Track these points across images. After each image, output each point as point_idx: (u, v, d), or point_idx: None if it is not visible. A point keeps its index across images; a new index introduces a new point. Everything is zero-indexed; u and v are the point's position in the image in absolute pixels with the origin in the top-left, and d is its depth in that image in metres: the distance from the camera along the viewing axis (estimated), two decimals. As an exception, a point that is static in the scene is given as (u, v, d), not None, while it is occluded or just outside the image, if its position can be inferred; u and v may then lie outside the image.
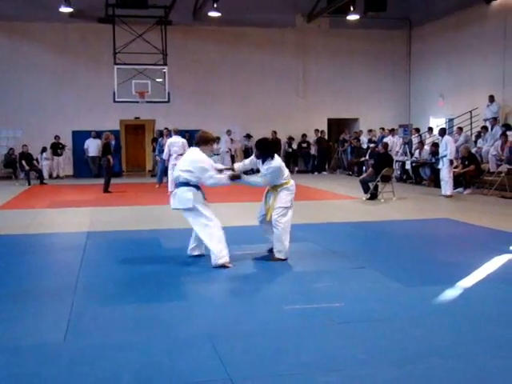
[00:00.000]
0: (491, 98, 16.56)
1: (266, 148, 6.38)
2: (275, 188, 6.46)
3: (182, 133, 18.20)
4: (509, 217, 10.00)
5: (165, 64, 17.81)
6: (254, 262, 6.46)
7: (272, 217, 6.32)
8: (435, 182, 15.01)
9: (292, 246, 7.36)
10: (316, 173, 20.93)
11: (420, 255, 6.83)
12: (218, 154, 20.28)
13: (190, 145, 19.37)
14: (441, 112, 19.90)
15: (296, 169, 21.36)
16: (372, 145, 18.06)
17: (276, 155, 6.47)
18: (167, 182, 14.35)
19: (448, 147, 12.75)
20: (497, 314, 4.52)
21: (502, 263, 6.35)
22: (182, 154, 13.65)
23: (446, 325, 4.29)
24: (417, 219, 9.71)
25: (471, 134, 17.31)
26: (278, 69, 21.04)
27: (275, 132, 20.56)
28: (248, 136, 20.86)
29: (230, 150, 20.72)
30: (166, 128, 15.82)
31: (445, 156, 12.86)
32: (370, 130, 20.60)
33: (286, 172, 6.56)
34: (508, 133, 14.87)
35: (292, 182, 6.59)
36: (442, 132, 13.25)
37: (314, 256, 6.93)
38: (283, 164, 6.52)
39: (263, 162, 6.40)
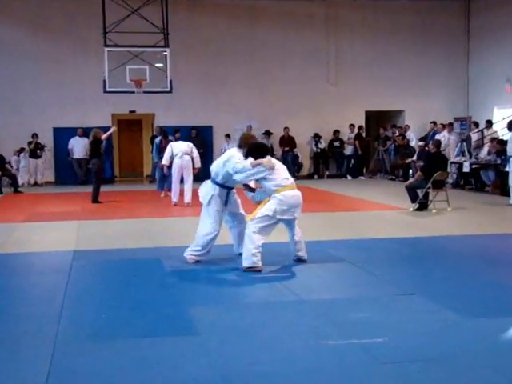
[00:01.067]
0: None
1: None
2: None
3: (178, 129, 18.42)
4: None
5: (166, 46, 17.94)
6: (277, 285, 6.48)
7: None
8: (501, 188, 14.89)
9: (324, 267, 7.38)
10: (350, 177, 20.92)
11: (482, 279, 6.77)
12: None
13: (197, 143, 19.49)
14: (509, 101, 19.77)
15: (327, 173, 21.37)
16: (421, 143, 17.99)
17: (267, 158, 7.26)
18: (169, 189, 14.40)
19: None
20: None
21: None
22: (188, 154, 13.69)
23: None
24: (478, 235, 9.64)
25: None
26: (303, 50, 21.11)
27: (269, 132, 20.58)
28: (267, 133, 20.91)
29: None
30: (159, 127, 15.85)
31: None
32: (400, 127, 20.54)
33: (279, 179, 7.17)
34: None
35: (288, 191, 7.19)
36: (511, 125, 13.18)
37: (350, 279, 6.92)
38: (277, 168, 7.23)
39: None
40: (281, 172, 7.26)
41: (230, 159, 7.29)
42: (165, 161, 13.94)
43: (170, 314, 5.52)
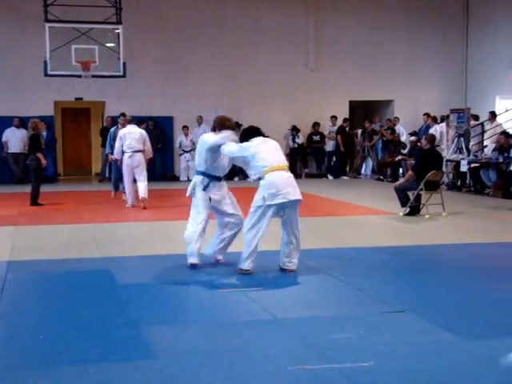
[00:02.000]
0: None
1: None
2: None
3: (143, 120, 18.33)
4: None
5: (118, 22, 17.82)
6: (247, 302, 6.48)
7: None
8: (504, 190, 15.07)
9: (302, 281, 7.41)
10: (332, 177, 21.02)
11: (482, 295, 6.85)
12: (189, 151, 20.34)
13: (154, 137, 19.42)
14: (512, 90, 20.03)
15: (305, 171, 21.43)
16: (412, 138, 18.16)
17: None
18: (124, 190, 14.37)
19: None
20: None
21: None
22: (140, 151, 13.71)
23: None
24: (477, 243, 9.74)
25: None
26: (278, 30, 21.17)
27: (238, 124, 20.54)
28: (237, 125, 20.88)
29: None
30: (123, 114, 15.84)
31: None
32: (389, 120, 20.72)
33: (268, 159, 7.60)
34: None
35: (276, 171, 7.54)
36: None
37: (331, 295, 6.95)
38: (267, 149, 7.74)
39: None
40: (270, 153, 7.70)
41: (203, 139, 7.90)
42: (117, 154, 13.97)
43: (122, 335, 5.49)
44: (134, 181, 13.80)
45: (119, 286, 7.19)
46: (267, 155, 7.64)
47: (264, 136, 8.15)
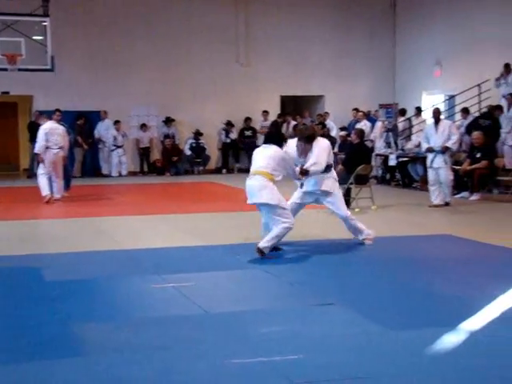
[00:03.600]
0: (507, 68, 17.05)
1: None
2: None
3: (72, 116, 18.07)
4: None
5: (46, 15, 17.52)
6: (178, 297, 6.46)
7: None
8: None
9: (232, 275, 7.43)
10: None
11: (410, 286, 6.95)
12: (121, 147, 20.18)
13: (85, 132, 19.16)
14: (438, 86, 20.40)
15: (237, 166, 21.46)
16: (342, 133, 18.35)
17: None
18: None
19: (454, 135, 13.04)
20: (514, 366, 4.66)
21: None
22: (62, 147, 13.59)
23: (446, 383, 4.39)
24: (405, 236, 9.90)
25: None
26: (209, 25, 21.12)
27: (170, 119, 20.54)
28: (168, 120, 20.82)
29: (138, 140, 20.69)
30: (58, 110, 15.50)
31: (439, 150, 13.10)
32: (320, 115, 20.93)
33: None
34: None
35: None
36: (438, 114, 13.50)
37: (262, 288, 6.98)
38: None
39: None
40: (256, 157, 8.41)
41: None
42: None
43: (52, 333, 5.40)
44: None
45: (48, 284, 7.09)
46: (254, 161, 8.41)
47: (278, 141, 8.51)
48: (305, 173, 8.50)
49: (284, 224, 8.08)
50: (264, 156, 8.27)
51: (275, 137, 8.76)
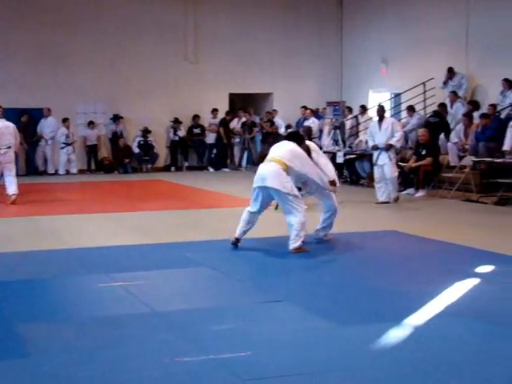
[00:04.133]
0: (450, 73, 17.30)
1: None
2: None
3: (16, 114, 17.76)
4: (475, 227, 10.52)
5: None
6: (125, 296, 6.42)
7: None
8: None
9: (181, 273, 7.42)
10: (213, 169, 21.09)
11: (357, 282, 7.02)
12: (69, 144, 19.95)
13: (29, 130, 18.80)
14: (384, 84, 20.61)
15: (186, 164, 21.40)
16: (290, 130, 18.39)
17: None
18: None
19: (397, 132, 13.17)
20: (460, 361, 4.73)
21: (467, 290, 6.67)
22: (11, 146, 13.32)
23: (391, 378, 4.43)
24: (353, 232, 9.98)
25: (425, 115, 18.05)
26: (157, 21, 20.95)
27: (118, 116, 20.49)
28: (116, 117, 20.64)
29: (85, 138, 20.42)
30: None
31: (383, 148, 13.22)
32: (268, 112, 21.08)
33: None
34: (474, 114, 15.62)
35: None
36: (382, 111, 13.61)
37: (211, 287, 6.98)
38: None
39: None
40: (274, 149, 8.61)
41: None
42: None
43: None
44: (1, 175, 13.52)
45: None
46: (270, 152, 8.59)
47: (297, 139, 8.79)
48: (333, 184, 8.93)
49: (300, 213, 8.25)
50: (282, 148, 8.54)
51: (296, 136, 9.03)
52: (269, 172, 8.32)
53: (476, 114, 15.52)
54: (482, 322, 5.58)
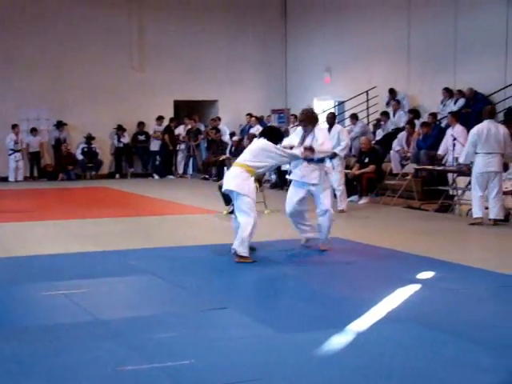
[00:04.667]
0: (392, 93, 17.61)
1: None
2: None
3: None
4: (417, 234, 10.67)
5: None
6: (67, 304, 6.35)
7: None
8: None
9: (124, 281, 7.36)
10: (158, 177, 21.00)
11: (301, 289, 7.06)
12: (18, 151, 19.65)
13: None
14: (328, 92, 20.79)
15: (130, 171, 21.26)
16: (236, 138, 18.47)
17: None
18: None
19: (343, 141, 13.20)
20: (401, 366, 4.79)
21: (408, 296, 6.75)
22: None
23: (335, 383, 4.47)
24: (297, 239, 10.01)
25: (368, 123, 18.29)
26: (103, 27, 20.80)
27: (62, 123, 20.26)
28: (60, 124, 20.39)
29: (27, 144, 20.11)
30: None
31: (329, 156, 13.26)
32: (213, 120, 21.11)
33: None
34: (416, 121, 15.87)
35: None
36: (332, 119, 13.52)
37: (154, 294, 6.94)
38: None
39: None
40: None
41: None
42: None
43: None
44: None
45: None
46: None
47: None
48: (310, 149, 8.55)
49: (250, 216, 8.23)
50: (246, 150, 8.67)
51: (267, 132, 8.82)
52: (229, 175, 8.56)
53: (418, 123, 15.78)
54: (422, 327, 5.66)
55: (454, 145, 13.34)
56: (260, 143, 8.52)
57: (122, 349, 5.11)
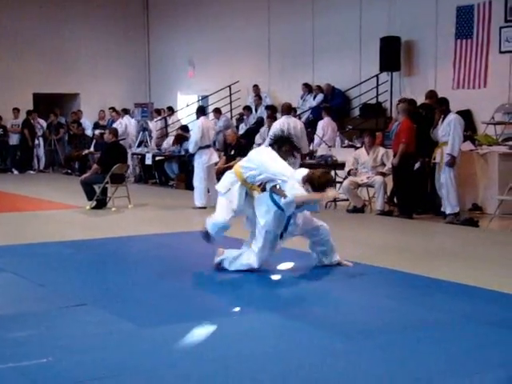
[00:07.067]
0: (255, 89, 17.82)
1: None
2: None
3: None
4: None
5: None
6: None
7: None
8: (186, 181, 15.65)
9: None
10: (17, 172, 20.43)
11: (162, 284, 7.03)
12: None
13: None
14: (192, 86, 20.84)
15: (-12, 166, 20.58)
16: (98, 132, 18.21)
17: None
18: None
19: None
20: (260, 353, 4.87)
21: (267, 286, 6.89)
22: None
23: (195, 376, 4.49)
24: (158, 234, 10.01)
25: (232, 117, 18.46)
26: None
27: None
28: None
29: None
30: None
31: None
32: (74, 113, 20.87)
33: None
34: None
35: None
36: (202, 112, 13.64)
37: (11, 293, 6.77)
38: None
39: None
40: None
41: None
42: None
43: None
44: None
45: None
46: None
47: None
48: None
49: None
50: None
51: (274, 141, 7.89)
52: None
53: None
54: (279, 316, 5.79)
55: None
56: (253, 151, 8.11)
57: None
